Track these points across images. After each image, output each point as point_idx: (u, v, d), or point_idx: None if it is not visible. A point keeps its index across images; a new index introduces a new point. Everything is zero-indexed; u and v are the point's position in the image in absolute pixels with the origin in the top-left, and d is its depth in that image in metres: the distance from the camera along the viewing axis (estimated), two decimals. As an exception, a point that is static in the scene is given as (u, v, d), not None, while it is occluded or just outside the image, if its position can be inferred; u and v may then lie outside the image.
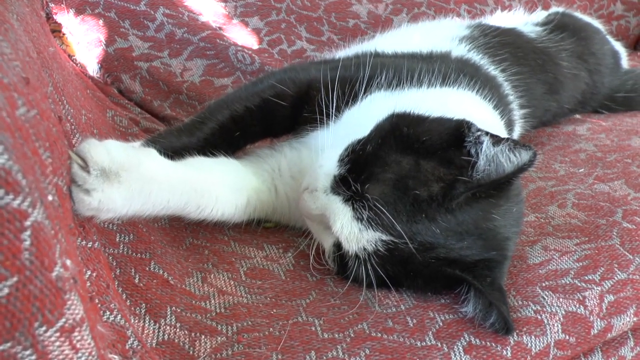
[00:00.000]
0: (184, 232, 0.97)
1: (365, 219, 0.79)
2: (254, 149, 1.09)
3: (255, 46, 1.61)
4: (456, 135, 0.81)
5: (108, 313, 0.65)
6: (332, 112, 0.95)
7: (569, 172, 1.23)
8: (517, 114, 1.25)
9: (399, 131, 0.82)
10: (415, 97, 0.97)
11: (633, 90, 1.65)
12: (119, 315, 0.67)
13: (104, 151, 0.67)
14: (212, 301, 0.81)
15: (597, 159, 1.28)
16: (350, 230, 0.80)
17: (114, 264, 0.78)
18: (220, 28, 1.60)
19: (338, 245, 0.84)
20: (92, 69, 1.46)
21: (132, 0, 1.50)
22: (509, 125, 1.15)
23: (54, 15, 1.45)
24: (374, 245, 0.80)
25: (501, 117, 1.07)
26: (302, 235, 0.97)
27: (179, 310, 0.76)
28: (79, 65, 1.45)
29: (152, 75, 1.50)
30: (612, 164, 1.24)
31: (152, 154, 0.77)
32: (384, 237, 0.79)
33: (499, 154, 0.74)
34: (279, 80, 1.04)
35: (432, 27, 1.51)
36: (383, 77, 1.00)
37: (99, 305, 0.65)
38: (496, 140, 0.76)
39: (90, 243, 0.69)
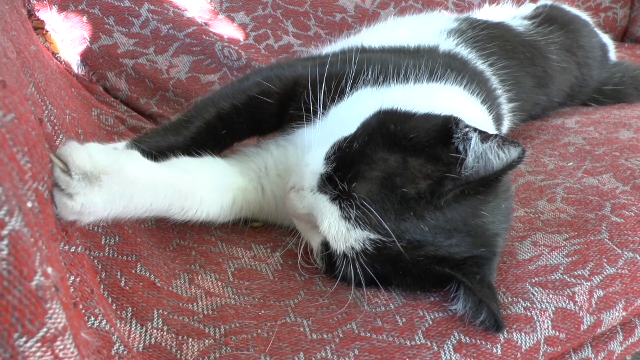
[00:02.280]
0: (171, 233, 0.96)
1: (353, 218, 0.78)
2: (241, 147, 1.07)
3: (242, 42, 1.60)
4: (444, 132, 0.80)
5: (93, 319, 0.64)
6: (320, 110, 0.94)
7: (559, 166, 1.22)
8: (506, 108, 1.24)
9: (386, 128, 0.82)
10: (402, 93, 0.96)
11: (621, 83, 1.65)
12: (104, 320, 0.66)
13: (86, 155, 0.65)
14: (200, 303, 0.80)
15: (586, 153, 1.28)
16: (338, 230, 0.79)
17: (100, 267, 0.77)
18: (206, 24, 1.59)
19: (326, 245, 0.83)
20: (77, 67, 1.44)
21: (116, -3, 1.49)
22: (498, 120, 1.15)
23: (36, 13, 1.43)
24: (362, 245, 0.79)
25: (489, 112, 1.06)
26: (290, 235, 0.96)
27: (166, 313, 0.75)
28: (63, 63, 1.44)
29: (138, 73, 1.48)
30: (601, 158, 1.24)
31: (135, 156, 0.76)
32: (372, 236, 0.78)
33: (488, 151, 0.73)
34: (265, 77, 1.03)
35: (420, 21, 1.50)
36: (370, 74, 0.99)
37: (84, 311, 0.64)
38: (485, 137, 0.75)
39: (74, 248, 0.68)
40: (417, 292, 0.83)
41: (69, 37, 1.44)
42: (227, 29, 1.60)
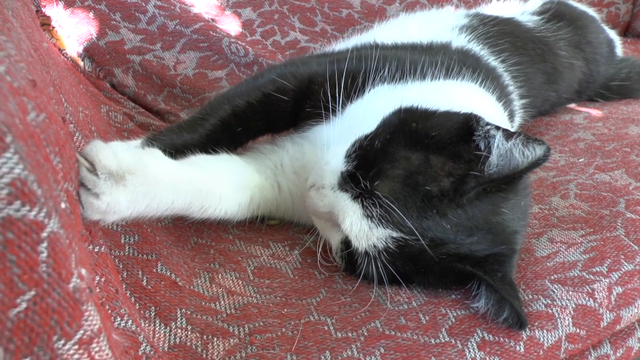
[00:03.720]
0: (188, 231, 0.95)
1: (375, 216, 0.78)
2: (256, 145, 1.07)
3: (249, 38, 1.59)
4: (465, 130, 0.80)
5: (119, 319, 0.64)
6: (338, 107, 0.93)
7: (569, 162, 1.23)
8: (517, 104, 1.24)
9: (408, 126, 0.81)
10: (419, 90, 0.96)
11: (628, 78, 1.65)
12: (130, 320, 0.65)
13: (112, 154, 0.65)
14: (222, 302, 0.80)
15: (596, 148, 1.28)
16: (360, 228, 0.79)
17: (121, 266, 0.76)
18: (213, 20, 1.58)
19: (346, 242, 0.83)
20: (84, 63, 1.43)
21: (122, -8, 1.48)
22: (510, 116, 1.15)
23: (42, 8, 1.41)
24: (384, 243, 0.79)
25: (504, 108, 1.06)
26: (308, 232, 0.96)
27: (189, 313, 0.75)
28: (70, 59, 1.43)
29: (144, 69, 1.47)
30: (611, 153, 1.24)
31: (157, 155, 0.75)
32: (395, 234, 0.78)
33: (513, 148, 0.73)
34: (280, 74, 1.03)
35: (431, 17, 1.50)
36: (386, 70, 0.98)
37: (110, 311, 0.64)
38: (508, 134, 0.75)
39: (97, 247, 0.68)
40: (438, 290, 0.83)
41: (75, 33, 1.43)
42: (233, 25, 1.59)
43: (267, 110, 1.02)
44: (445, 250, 0.79)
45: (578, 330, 0.79)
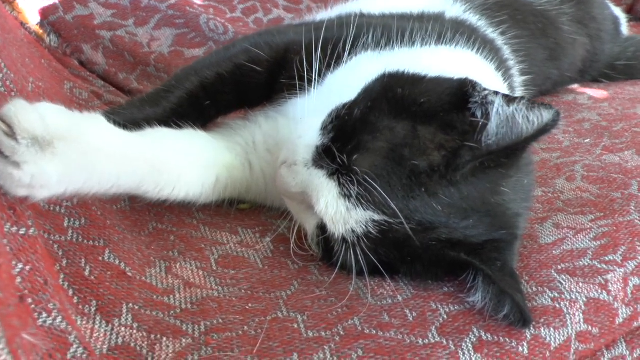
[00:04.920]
0: (147, 215, 0.84)
1: (353, 195, 0.68)
2: (226, 120, 0.96)
3: (229, 14, 1.49)
4: (459, 96, 0.70)
5: (45, 315, 0.53)
6: (315, 77, 0.82)
7: (574, 142, 1.12)
8: (518, 80, 1.13)
9: (392, 92, 0.71)
10: (407, 56, 0.86)
11: (634, 58, 1.55)
12: (60, 317, 0.54)
13: (36, 116, 0.54)
14: (177, 295, 0.69)
15: (602, 129, 1.18)
16: (337, 210, 0.69)
17: (60, 253, 0.65)
18: (190, -6, 1.47)
19: (322, 227, 0.73)
20: (49, 38, 1.32)
21: (92, -36, 1.37)
22: (511, 91, 1.04)
23: (1, -21, 1.30)
24: (364, 227, 0.68)
25: (504, 80, 0.96)
26: (282, 217, 0.86)
27: (137, 308, 0.64)
28: (33, 34, 1.31)
29: (116, 46, 1.36)
30: (620, 134, 1.14)
31: (98, 121, 0.65)
32: (376, 217, 0.68)
33: (516, 114, 0.63)
34: (254, 44, 0.92)
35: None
36: (370, 37, 0.88)
37: (33, 306, 0.53)
38: (509, 99, 0.64)
39: (24, 229, 0.57)
40: (428, 282, 0.73)
41: (39, 6, 1.32)
42: (212, 1, 1.48)
43: (238, 82, 0.91)
44: (435, 236, 0.69)
45: (590, 328, 0.68)
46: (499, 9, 1.20)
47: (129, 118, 0.83)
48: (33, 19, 1.31)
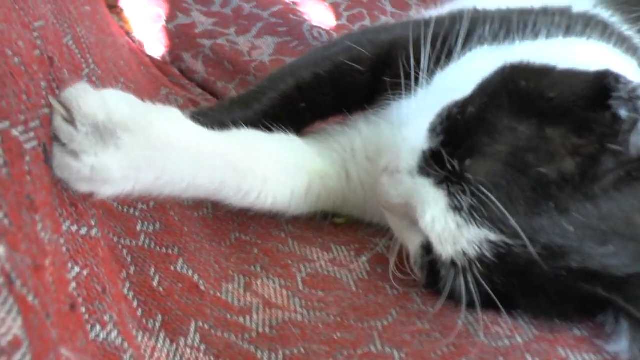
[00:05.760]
0: (230, 224, 0.77)
1: (465, 209, 0.56)
2: (323, 125, 0.88)
3: (333, 22, 1.42)
4: (598, 91, 0.57)
5: (98, 328, 0.46)
6: (422, 74, 0.72)
7: None
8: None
9: (515, 86, 0.59)
10: (531, 49, 0.73)
11: None
12: (116, 331, 0.47)
13: (99, 101, 0.47)
14: (254, 316, 0.60)
15: None
16: (445, 226, 0.57)
17: (129, 260, 0.59)
18: (293, 2, 1.42)
19: (427, 248, 0.61)
20: (151, 46, 1.31)
21: (196, -28, 1.35)
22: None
23: (111, -11, 1.31)
24: (477, 248, 0.56)
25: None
26: (381, 234, 0.75)
27: (206, 327, 0.56)
28: (137, 42, 1.31)
29: (216, 54, 1.33)
30: None
31: (172, 112, 0.57)
32: (493, 237, 0.55)
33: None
34: (356, 41, 0.83)
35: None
36: (487, 29, 0.76)
37: (86, 316, 0.45)
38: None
39: (85, 229, 0.50)
40: (554, 321, 0.60)
41: (143, 16, 1.31)
42: (316, 8, 1.42)
43: (337, 82, 0.82)
44: (565, 264, 0.56)
45: None
46: (636, 3, 1.03)
47: (217, 120, 0.76)
48: (137, 28, 1.30)
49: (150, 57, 1.29)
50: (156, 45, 1.30)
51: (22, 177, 0.39)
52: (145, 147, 0.51)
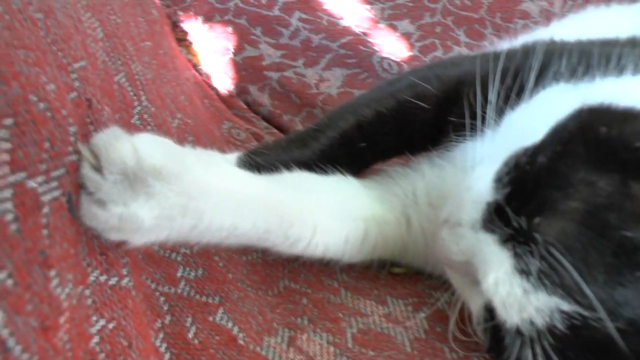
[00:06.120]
0: (280, 271, 0.73)
1: (533, 273, 0.49)
2: (384, 167, 0.82)
3: (405, 53, 1.37)
4: None
5: (121, 387, 0.43)
6: (490, 114, 0.66)
7: None
8: None
9: (593, 133, 0.52)
10: (613, 87, 0.65)
11: None
12: (139, 391, 0.44)
13: (128, 147, 0.45)
14: (295, 377, 0.55)
15: None
16: (510, 291, 0.50)
17: (165, 308, 0.56)
18: (364, 33, 1.38)
19: (491, 310, 0.54)
20: (217, 79, 1.30)
21: (265, 6, 1.35)
22: None
23: (181, 24, 1.33)
24: (547, 318, 0.49)
25: None
26: (443, 288, 0.69)
27: (241, 388, 0.51)
28: (203, 75, 1.31)
29: (283, 87, 1.31)
30: None
31: (212, 157, 0.54)
32: (565, 307, 0.48)
33: None
34: (422, 77, 0.78)
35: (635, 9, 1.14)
36: (563, 64, 0.69)
37: (108, 373, 0.42)
38: None
39: (115, 279, 0.48)
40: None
41: (211, 48, 1.32)
42: (387, 39, 1.38)
43: (401, 121, 0.77)
44: (653, 344, 0.47)
45: None
46: None
47: (273, 159, 0.73)
48: (204, 61, 1.31)
49: (216, 90, 1.29)
50: (223, 78, 1.30)
51: (36, 231, 0.36)
52: (180, 195, 0.47)
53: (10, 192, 0.34)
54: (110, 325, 0.45)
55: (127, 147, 0.44)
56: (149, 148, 0.46)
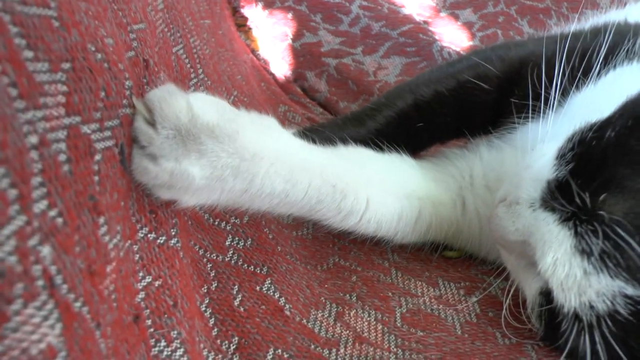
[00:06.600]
0: (330, 247, 0.72)
1: (595, 254, 0.47)
2: (441, 148, 0.80)
3: (465, 43, 1.33)
4: None
5: (163, 343, 0.43)
6: (554, 94, 0.63)
7: None
8: None
9: None
10: None
11: None
12: (182, 348, 0.44)
13: (183, 103, 0.44)
14: (341, 350, 0.54)
15: None
16: (569, 272, 0.48)
17: (212, 274, 0.55)
18: (425, 22, 1.36)
19: (547, 294, 0.52)
20: (275, 64, 1.31)
21: (326, -8, 1.34)
22: None
23: (241, 9, 1.34)
24: (609, 303, 0.47)
25: None
26: (496, 274, 0.66)
27: (285, 356, 0.51)
28: (261, 60, 1.31)
29: (340, 73, 1.30)
30: None
31: (267, 121, 0.53)
32: (630, 291, 0.46)
33: None
34: (484, 58, 0.76)
35: None
36: (637, 44, 0.65)
37: (151, 329, 0.42)
38: None
39: (163, 238, 0.48)
40: None
41: (270, 34, 1.32)
42: (448, 28, 1.35)
43: (460, 102, 0.75)
44: None
45: None
46: None
47: (328, 136, 0.72)
48: (263, 47, 1.31)
49: (273, 76, 1.29)
50: (281, 64, 1.30)
51: (87, 176, 0.36)
52: (232, 156, 0.47)
53: (64, 134, 0.34)
54: (157, 283, 0.45)
55: (181, 103, 0.44)
56: (203, 106, 0.46)
